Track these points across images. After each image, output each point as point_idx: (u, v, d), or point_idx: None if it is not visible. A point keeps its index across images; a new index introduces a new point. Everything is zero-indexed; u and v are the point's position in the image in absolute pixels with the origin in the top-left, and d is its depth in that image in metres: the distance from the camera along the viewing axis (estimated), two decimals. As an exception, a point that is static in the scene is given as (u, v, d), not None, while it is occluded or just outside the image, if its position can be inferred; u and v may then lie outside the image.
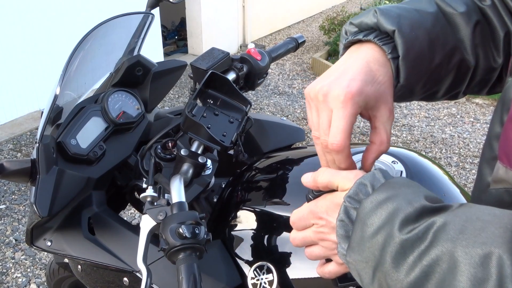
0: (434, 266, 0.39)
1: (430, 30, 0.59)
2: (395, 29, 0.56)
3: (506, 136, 0.47)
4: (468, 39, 0.60)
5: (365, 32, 0.59)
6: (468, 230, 0.39)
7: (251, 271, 0.83)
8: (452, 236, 0.39)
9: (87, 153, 0.92)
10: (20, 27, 3.56)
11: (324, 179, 0.54)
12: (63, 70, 0.88)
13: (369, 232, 0.45)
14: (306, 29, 7.31)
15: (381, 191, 0.46)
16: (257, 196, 0.96)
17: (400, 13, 0.59)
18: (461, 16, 0.60)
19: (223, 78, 0.91)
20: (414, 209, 0.43)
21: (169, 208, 0.75)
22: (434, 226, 0.40)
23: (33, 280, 2.22)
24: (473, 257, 0.37)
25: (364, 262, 0.46)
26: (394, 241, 0.42)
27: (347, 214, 0.48)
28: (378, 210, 0.45)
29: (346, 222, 0.48)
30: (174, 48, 5.97)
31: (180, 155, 0.85)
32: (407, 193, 0.45)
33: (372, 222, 0.45)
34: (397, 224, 0.43)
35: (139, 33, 1.11)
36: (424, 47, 0.58)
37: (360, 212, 0.46)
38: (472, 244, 0.38)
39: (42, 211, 0.81)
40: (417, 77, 0.59)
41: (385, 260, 0.43)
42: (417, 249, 0.40)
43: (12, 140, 3.48)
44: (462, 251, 0.38)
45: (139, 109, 1.04)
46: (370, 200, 0.46)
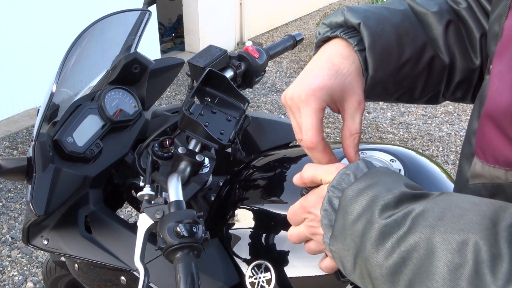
0: (412, 252, 0.39)
1: (398, 25, 0.61)
2: (360, 22, 0.58)
3: (481, 131, 0.47)
4: (441, 38, 0.62)
5: (333, 30, 0.62)
6: (447, 217, 0.39)
7: (249, 270, 0.83)
8: (431, 223, 0.39)
9: (83, 151, 0.92)
10: (16, 24, 3.54)
11: (308, 174, 0.55)
12: (59, 68, 0.87)
13: (350, 219, 0.46)
14: (303, 27, 7.30)
15: (363, 180, 0.47)
16: (255, 194, 0.96)
17: (368, 9, 0.62)
18: (433, 15, 0.63)
19: (220, 76, 0.90)
20: (393, 195, 0.44)
21: (166, 206, 0.74)
22: (413, 212, 0.41)
23: (29, 279, 2.21)
24: (451, 243, 0.37)
25: (346, 250, 0.46)
26: (374, 227, 0.43)
27: (330, 203, 0.49)
28: (359, 197, 0.46)
29: (330, 211, 0.49)
30: (171, 45, 5.95)
31: (177, 153, 0.85)
32: (387, 181, 0.46)
33: (353, 209, 0.45)
34: (376, 210, 0.43)
35: (136, 30, 1.11)
36: (392, 40, 0.60)
37: (342, 201, 0.47)
38: (450, 230, 0.38)
39: (38, 209, 0.81)
40: (386, 70, 0.60)
41: (365, 246, 0.43)
42: (395, 234, 0.41)
43: (8, 138, 3.47)
44: (440, 237, 0.38)
45: (136, 107, 1.04)
46: (351, 188, 0.47)
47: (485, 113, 0.46)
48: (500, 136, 0.43)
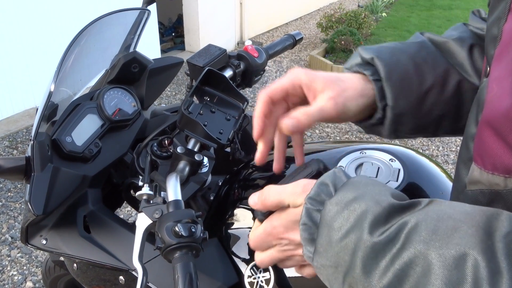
0: (407, 270, 0.38)
1: (414, 55, 0.62)
2: (373, 56, 0.60)
3: (480, 138, 0.46)
4: (467, 62, 0.62)
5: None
6: (441, 230, 0.38)
7: (248, 270, 0.83)
8: (425, 238, 0.38)
9: (82, 150, 0.92)
10: (16, 24, 3.54)
11: (272, 199, 0.52)
12: (57, 67, 0.87)
13: (336, 236, 0.43)
14: (303, 26, 7.29)
15: (345, 191, 0.45)
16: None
17: (381, 45, 0.64)
18: (453, 42, 0.63)
19: (219, 75, 0.90)
20: (382, 209, 0.41)
21: (165, 206, 0.74)
22: (406, 227, 0.39)
23: (29, 278, 2.21)
24: (447, 259, 0.36)
25: (333, 267, 0.44)
26: (365, 245, 0.40)
27: (310, 217, 0.46)
28: (344, 212, 0.43)
29: (309, 225, 0.46)
30: (171, 45, 5.95)
31: (176, 152, 0.84)
32: (374, 192, 0.44)
33: (340, 225, 0.43)
34: (366, 226, 0.41)
35: (135, 29, 1.10)
36: (409, 69, 0.61)
37: (325, 215, 0.44)
38: (445, 245, 0.37)
39: (36, 209, 0.80)
40: (408, 99, 0.60)
41: (356, 265, 0.41)
42: (389, 252, 0.39)
43: (8, 137, 3.46)
44: (435, 253, 0.36)
45: (135, 106, 1.03)
46: (334, 201, 0.44)
47: (484, 119, 0.45)
48: (499, 143, 0.42)
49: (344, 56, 5.34)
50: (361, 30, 5.85)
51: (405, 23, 7.66)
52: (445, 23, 7.86)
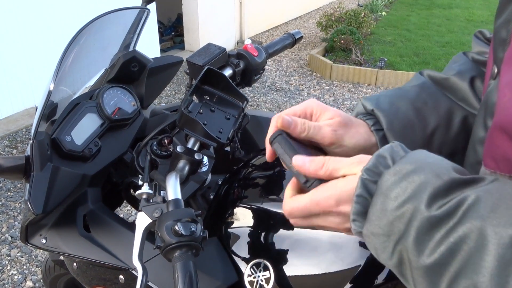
0: (460, 244, 0.38)
1: (414, 99, 0.64)
2: (373, 108, 0.63)
3: (492, 143, 0.45)
4: (470, 96, 0.63)
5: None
6: (501, 209, 0.37)
7: (247, 269, 0.83)
8: (483, 214, 0.37)
9: (82, 149, 0.92)
10: (16, 23, 3.54)
11: (328, 168, 0.50)
12: (57, 66, 0.87)
13: (392, 205, 0.42)
14: (303, 26, 7.29)
15: (405, 163, 0.44)
16: (254, 193, 0.95)
17: (381, 94, 0.66)
18: (454, 77, 0.64)
19: (219, 74, 0.90)
20: (443, 182, 0.41)
21: (164, 205, 0.74)
22: (465, 202, 0.39)
23: (29, 277, 2.21)
24: (503, 238, 0.35)
25: (385, 236, 0.43)
26: (422, 216, 0.40)
27: (366, 188, 0.45)
28: (402, 182, 0.42)
29: (365, 197, 0.45)
30: (171, 44, 5.95)
31: (176, 152, 0.84)
32: (434, 165, 0.43)
33: (396, 195, 0.42)
34: (425, 198, 0.40)
35: (134, 28, 1.10)
36: (410, 115, 0.62)
37: (382, 184, 0.44)
38: (503, 224, 0.36)
39: (36, 208, 0.80)
40: (414, 145, 0.61)
41: (410, 234, 0.41)
42: (444, 226, 0.39)
43: (8, 137, 3.46)
44: (492, 230, 0.36)
45: (135, 105, 1.03)
46: (392, 171, 0.43)
47: (496, 124, 0.45)
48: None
49: (344, 55, 5.34)
50: (361, 29, 5.85)
51: (405, 22, 7.65)
52: (444, 22, 7.86)
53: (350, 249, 0.76)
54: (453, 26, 7.51)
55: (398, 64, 5.28)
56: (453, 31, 7.17)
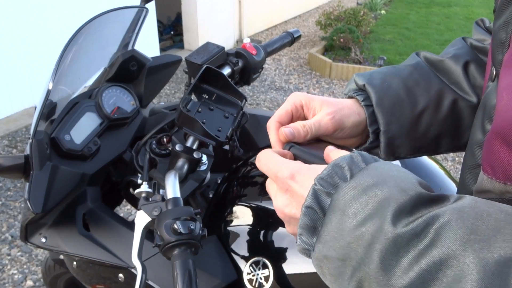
0: (435, 272, 0.32)
1: (406, 78, 0.64)
2: (365, 83, 0.63)
3: (490, 149, 0.43)
4: (463, 80, 0.63)
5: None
6: (480, 229, 0.32)
7: (247, 267, 0.83)
8: (461, 237, 0.32)
9: (81, 148, 0.92)
10: (15, 23, 3.54)
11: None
12: (55, 65, 0.87)
13: (350, 224, 0.38)
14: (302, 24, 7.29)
15: (365, 176, 0.40)
16: (253, 191, 0.96)
17: (374, 71, 0.66)
18: (449, 60, 0.65)
19: (218, 73, 0.90)
20: (409, 197, 0.36)
21: (163, 203, 0.74)
22: (436, 222, 0.34)
23: (29, 277, 2.21)
24: (488, 264, 0.30)
25: (340, 260, 0.38)
26: (386, 237, 0.35)
27: (317, 199, 0.41)
28: (362, 197, 0.38)
29: (315, 209, 0.41)
30: (170, 43, 5.94)
31: (175, 150, 0.84)
32: (398, 178, 0.39)
33: (355, 212, 0.38)
34: (389, 215, 0.36)
35: (133, 27, 1.10)
36: (401, 94, 0.63)
37: (338, 199, 0.39)
38: (487, 248, 0.31)
39: (35, 207, 0.80)
40: (401, 122, 0.62)
41: (372, 259, 0.36)
42: (414, 248, 0.34)
43: (8, 136, 3.46)
44: (474, 256, 0.31)
45: (134, 104, 1.03)
46: (351, 185, 0.39)
47: (494, 130, 0.43)
48: (511, 154, 0.40)
49: (343, 53, 5.34)
50: (360, 27, 5.85)
51: (404, 20, 7.65)
52: (444, 20, 7.85)
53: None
54: (453, 24, 7.51)
55: (397, 62, 5.29)
56: (453, 29, 7.16)
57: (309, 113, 0.61)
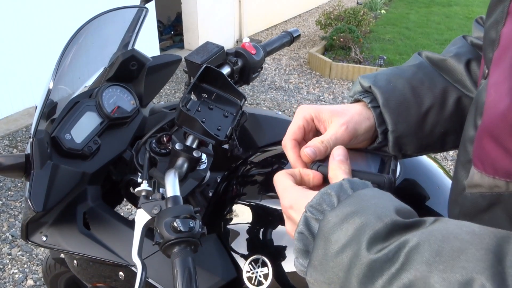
0: None
1: (410, 78, 0.65)
2: (370, 85, 0.64)
3: (480, 144, 0.45)
4: (466, 78, 0.64)
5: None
6: (445, 251, 0.35)
7: (246, 265, 0.84)
8: (427, 259, 0.35)
9: (81, 148, 0.92)
10: (15, 23, 3.54)
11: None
12: (56, 65, 0.87)
13: (333, 250, 0.41)
14: (302, 24, 7.29)
15: (348, 204, 0.43)
16: (253, 190, 0.96)
17: (378, 73, 0.67)
18: (450, 59, 0.66)
19: (217, 72, 0.90)
20: (384, 225, 0.39)
21: (163, 202, 0.75)
22: (406, 246, 0.37)
23: (30, 276, 2.22)
24: (451, 284, 0.33)
25: (326, 284, 0.41)
26: (361, 262, 0.38)
27: (308, 226, 0.44)
28: (343, 224, 0.41)
29: (306, 235, 0.44)
30: (170, 43, 5.95)
31: (175, 149, 0.85)
32: (377, 207, 0.41)
33: (337, 238, 0.40)
34: (364, 242, 0.39)
35: (133, 27, 1.11)
36: (406, 93, 0.63)
37: (323, 226, 0.42)
38: (450, 269, 0.33)
39: (36, 206, 0.81)
40: (408, 122, 0.63)
41: (351, 282, 0.38)
42: (387, 271, 0.36)
43: (8, 136, 3.47)
44: (439, 276, 0.33)
45: (134, 103, 1.04)
46: (335, 213, 0.42)
47: (482, 124, 0.45)
48: (498, 148, 0.42)
49: (343, 53, 5.35)
50: (360, 27, 5.85)
51: (404, 20, 7.65)
52: (444, 19, 7.85)
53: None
54: (453, 24, 7.51)
55: (397, 62, 5.29)
56: (453, 29, 7.17)
57: (320, 125, 0.62)
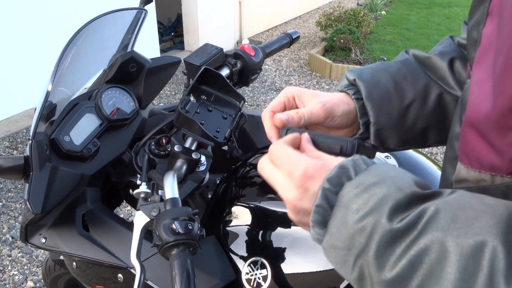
0: (422, 257, 0.37)
1: (394, 73, 0.67)
2: (355, 78, 0.67)
3: (464, 138, 0.47)
4: (448, 75, 0.67)
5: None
6: (460, 219, 0.37)
7: (245, 267, 0.84)
8: (443, 225, 0.37)
9: (80, 149, 0.92)
10: (15, 24, 3.55)
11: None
12: (55, 67, 0.87)
13: (353, 218, 0.42)
14: (302, 25, 7.29)
15: (367, 175, 0.44)
16: (252, 192, 0.96)
17: (364, 67, 0.70)
18: (436, 57, 0.68)
19: (216, 74, 0.90)
20: (404, 195, 0.41)
21: (162, 204, 0.74)
22: (425, 215, 0.39)
23: (29, 278, 2.22)
24: (465, 248, 0.35)
25: (345, 249, 0.43)
26: (383, 230, 0.40)
27: (327, 198, 0.45)
28: (364, 195, 0.42)
29: (324, 208, 0.45)
30: (170, 44, 5.95)
31: (173, 151, 0.85)
32: (396, 178, 0.43)
33: (358, 207, 0.42)
34: (386, 211, 0.40)
35: (132, 29, 1.11)
36: (389, 87, 0.66)
37: (343, 196, 0.44)
38: (464, 234, 0.36)
39: (35, 208, 0.81)
40: (390, 115, 0.65)
41: (370, 248, 0.40)
42: (406, 239, 0.39)
43: (8, 138, 3.47)
44: (453, 241, 0.36)
45: (133, 105, 1.04)
46: (354, 183, 0.44)
47: (466, 120, 0.46)
48: (483, 143, 0.43)
49: (343, 54, 5.35)
50: (360, 28, 5.85)
51: (404, 21, 7.66)
52: (444, 20, 7.86)
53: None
54: (453, 25, 7.51)
55: (397, 63, 5.28)
56: (453, 30, 7.16)
57: (300, 104, 0.65)
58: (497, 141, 0.42)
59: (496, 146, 0.42)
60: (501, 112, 0.40)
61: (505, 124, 0.41)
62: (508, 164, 0.42)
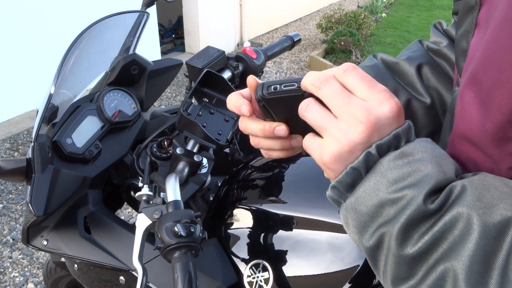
0: (446, 232, 0.38)
1: None
2: None
3: (454, 148, 0.47)
4: (417, 81, 0.66)
5: None
6: (486, 198, 0.38)
7: (247, 269, 0.84)
8: (469, 202, 0.38)
9: (82, 152, 0.92)
10: (17, 26, 3.55)
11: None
12: (57, 69, 0.88)
13: (388, 188, 0.41)
14: (303, 27, 7.30)
15: (413, 148, 0.42)
16: (253, 194, 0.96)
17: None
18: (403, 62, 0.67)
19: (218, 77, 0.91)
20: (446, 179, 0.41)
21: (164, 206, 0.75)
22: (453, 194, 0.39)
23: (30, 280, 2.22)
24: (488, 227, 0.36)
25: (369, 216, 0.42)
26: (417, 207, 0.39)
27: (367, 163, 0.42)
28: (405, 168, 0.41)
29: (360, 171, 0.43)
30: (171, 46, 5.96)
31: (175, 153, 0.85)
32: (442, 160, 0.42)
33: (396, 178, 0.41)
34: (425, 190, 0.40)
35: (134, 31, 1.11)
36: None
37: (383, 163, 0.42)
38: (489, 213, 0.37)
39: (37, 210, 0.81)
40: None
41: (398, 221, 0.40)
42: (433, 218, 0.39)
43: (9, 139, 3.47)
44: (477, 219, 0.37)
45: (135, 108, 1.04)
46: (398, 153, 0.42)
47: (457, 133, 0.46)
48: (478, 153, 0.44)
49: (344, 56, 5.35)
50: (361, 30, 5.86)
51: (405, 24, 7.66)
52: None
53: (349, 249, 0.76)
54: (453, 27, 7.52)
55: (398, 65, 5.29)
56: (453, 32, 7.17)
57: None
58: (494, 152, 0.43)
59: (494, 156, 0.43)
60: (498, 125, 0.41)
61: (502, 135, 0.41)
62: (507, 172, 0.43)
